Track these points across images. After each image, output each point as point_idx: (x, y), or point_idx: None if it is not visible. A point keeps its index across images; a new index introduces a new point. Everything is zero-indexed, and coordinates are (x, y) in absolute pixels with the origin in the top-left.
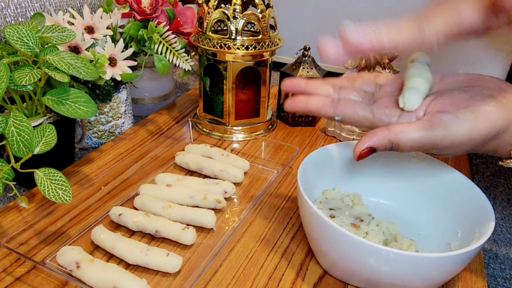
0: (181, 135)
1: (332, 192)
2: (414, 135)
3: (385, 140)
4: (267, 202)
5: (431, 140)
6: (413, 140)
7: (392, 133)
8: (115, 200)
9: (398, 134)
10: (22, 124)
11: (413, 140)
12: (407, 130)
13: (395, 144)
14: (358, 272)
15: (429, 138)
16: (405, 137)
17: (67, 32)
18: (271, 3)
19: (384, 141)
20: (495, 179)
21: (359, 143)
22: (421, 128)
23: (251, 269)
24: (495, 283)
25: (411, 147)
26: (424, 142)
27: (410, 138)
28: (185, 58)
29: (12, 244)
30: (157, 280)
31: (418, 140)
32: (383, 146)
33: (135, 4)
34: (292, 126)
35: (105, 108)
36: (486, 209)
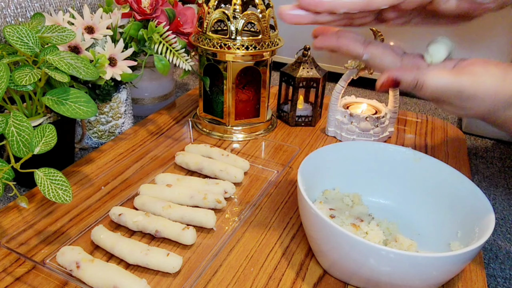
0: (181, 135)
1: (332, 192)
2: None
3: (411, 75)
4: (267, 202)
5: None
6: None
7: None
8: (115, 200)
9: (426, 74)
10: (22, 124)
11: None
12: (435, 72)
13: (420, 83)
14: (358, 272)
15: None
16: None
17: (67, 32)
18: (271, 3)
19: (410, 77)
20: (495, 179)
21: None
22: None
23: (251, 269)
24: (495, 283)
25: (436, 89)
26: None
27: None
28: (185, 58)
29: (12, 244)
30: (157, 280)
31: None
32: (407, 82)
33: (135, 4)
34: (292, 126)
35: (105, 108)
36: (486, 209)
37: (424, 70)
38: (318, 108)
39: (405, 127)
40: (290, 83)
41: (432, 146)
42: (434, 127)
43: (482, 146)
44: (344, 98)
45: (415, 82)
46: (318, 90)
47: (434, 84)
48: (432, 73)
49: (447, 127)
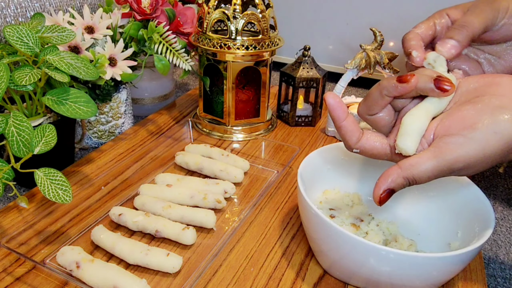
0: (181, 135)
1: (332, 192)
2: (427, 166)
3: (399, 178)
4: (267, 202)
5: (446, 167)
6: (427, 170)
7: (404, 170)
8: (115, 200)
9: (411, 169)
10: (22, 124)
11: (428, 171)
12: (418, 162)
13: (411, 179)
14: (358, 272)
15: (442, 165)
16: (418, 170)
17: (67, 32)
18: (271, 3)
19: (399, 180)
20: (495, 179)
21: (376, 188)
22: (431, 157)
23: (251, 269)
24: (495, 283)
25: (428, 177)
26: (439, 170)
27: (423, 170)
28: (185, 58)
29: (12, 244)
30: (157, 280)
31: (432, 169)
32: (400, 185)
33: (135, 4)
34: (292, 126)
35: (105, 108)
36: (486, 209)
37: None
38: (318, 108)
39: None
40: (290, 83)
41: None
42: None
43: None
44: (344, 98)
45: (408, 182)
46: (318, 90)
47: (425, 175)
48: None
49: None
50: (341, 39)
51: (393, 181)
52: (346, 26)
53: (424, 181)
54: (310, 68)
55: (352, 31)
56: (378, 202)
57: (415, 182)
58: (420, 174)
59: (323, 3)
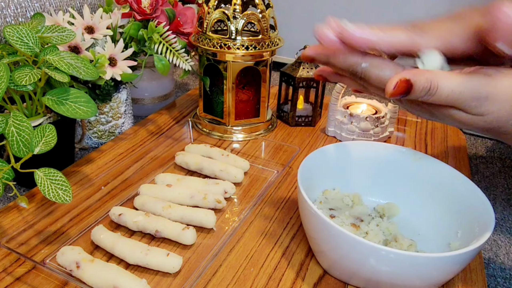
0: (181, 135)
1: (332, 192)
2: (456, 79)
3: (424, 77)
4: (267, 202)
5: (474, 86)
6: (455, 83)
7: (434, 74)
8: (115, 200)
9: (440, 77)
10: (22, 124)
11: (455, 84)
12: (450, 75)
13: (434, 85)
14: (358, 272)
15: (472, 83)
16: (446, 79)
17: (67, 32)
18: (271, 3)
19: (423, 78)
20: (495, 179)
21: (396, 76)
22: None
23: (251, 269)
24: (495, 283)
25: (452, 92)
26: (466, 88)
27: (452, 81)
28: (185, 58)
29: (12, 244)
30: (157, 280)
31: (461, 84)
32: (421, 84)
33: (135, 4)
34: (292, 126)
35: (105, 108)
36: (486, 209)
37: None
38: (318, 108)
39: (405, 127)
40: (290, 83)
41: (432, 146)
42: (434, 127)
43: (482, 146)
44: (344, 98)
45: (429, 85)
46: (318, 90)
47: (450, 86)
48: (447, 77)
49: (447, 127)
50: None
51: (416, 75)
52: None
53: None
54: (310, 68)
55: None
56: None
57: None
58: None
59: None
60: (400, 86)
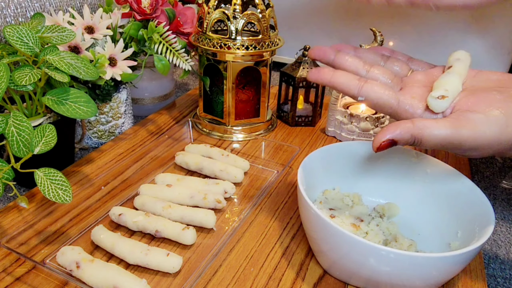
0: (181, 135)
1: (332, 192)
2: (439, 132)
3: (408, 133)
4: (267, 202)
5: (456, 140)
6: (438, 137)
7: (417, 128)
8: (115, 200)
9: (423, 129)
10: (22, 124)
11: (438, 137)
12: (433, 125)
13: (418, 139)
14: (358, 272)
15: (454, 137)
16: (429, 133)
17: (67, 32)
18: (271, 3)
19: (407, 135)
20: (495, 179)
21: (380, 134)
22: (447, 126)
23: (251, 269)
24: (495, 283)
25: (435, 145)
26: (449, 141)
27: (435, 134)
28: (185, 58)
29: (12, 244)
30: (157, 280)
31: (443, 138)
32: (404, 140)
33: (135, 4)
34: (292, 126)
35: (105, 108)
36: (486, 209)
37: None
38: (318, 108)
39: None
40: (290, 83)
41: None
42: None
43: None
44: (344, 98)
45: (413, 140)
46: (318, 90)
47: (433, 140)
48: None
49: None
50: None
51: (401, 134)
52: (346, 26)
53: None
54: (310, 68)
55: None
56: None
57: (420, 143)
58: (429, 138)
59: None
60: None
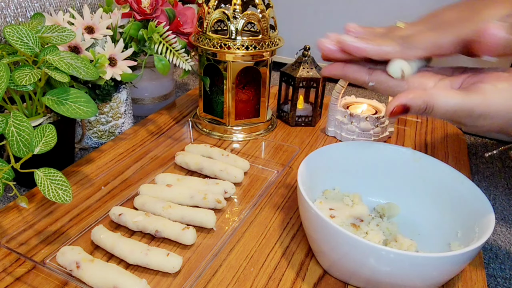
0: (181, 135)
1: (332, 192)
2: (451, 99)
3: (420, 99)
4: (267, 202)
5: (467, 106)
6: (449, 104)
7: (429, 95)
8: (115, 200)
9: (435, 96)
10: (22, 124)
11: (449, 104)
12: (444, 93)
13: (430, 106)
14: (358, 272)
15: (465, 103)
16: (441, 100)
17: (67, 32)
18: (271, 3)
19: (419, 101)
20: (495, 179)
21: (394, 100)
22: (458, 93)
23: (251, 269)
24: (495, 283)
25: (446, 111)
26: (460, 107)
27: (446, 101)
28: (185, 58)
29: (12, 244)
30: (157, 280)
31: (455, 104)
32: (417, 106)
33: (135, 4)
34: (292, 126)
35: (105, 108)
36: (486, 209)
37: (432, 91)
38: (318, 108)
39: (405, 127)
40: (290, 83)
41: (432, 146)
42: (434, 127)
43: (482, 146)
44: (344, 98)
45: (425, 106)
46: (318, 90)
47: (444, 106)
48: (440, 95)
49: (447, 127)
50: None
51: (413, 100)
52: None
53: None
54: (310, 68)
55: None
56: (389, 113)
57: (432, 111)
58: (440, 104)
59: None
60: (397, 110)
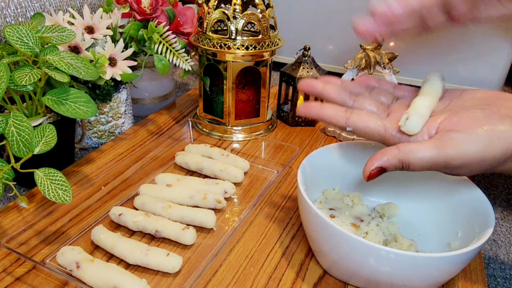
0: (181, 135)
1: (332, 192)
2: (425, 154)
3: (395, 159)
4: (267, 202)
5: (442, 159)
6: (424, 159)
7: (402, 152)
8: (115, 200)
9: (409, 154)
10: (22, 124)
11: (424, 159)
12: (417, 149)
13: (406, 164)
14: (358, 272)
15: (440, 157)
16: (416, 156)
17: (67, 32)
18: (271, 3)
19: (394, 161)
20: (495, 179)
21: (369, 163)
22: (432, 147)
23: (251, 269)
24: (495, 283)
25: (422, 166)
26: (435, 161)
27: (421, 157)
28: (185, 58)
29: (12, 244)
30: (157, 280)
31: (430, 159)
32: (393, 166)
33: (135, 4)
34: (292, 126)
35: (105, 108)
36: (486, 209)
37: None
38: None
39: None
40: (290, 83)
41: None
42: None
43: None
44: None
45: (401, 165)
46: None
47: (420, 162)
48: (414, 151)
49: None
50: (341, 39)
51: (388, 161)
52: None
53: (417, 168)
54: (310, 68)
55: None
56: (367, 177)
57: (409, 167)
58: (416, 161)
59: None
60: (374, 174)
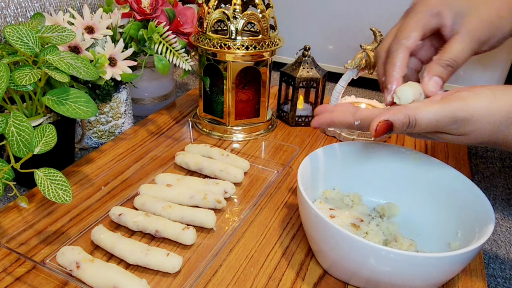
0: (181, 135)
1: (332, 192)
2: (432, 108)
3: (401, 114)
4: (267, 202)
5: (449, 112)
6: (431, 114)
7: (409, 109)
8: (115, 200)
9: (415, 109)
10: (22, 124)
11: (431, 114)
12: (423, 106)
13: (413, 119)
14: (358, 272)
15: (446, 109)
16: (423, 111)
17: (67, 32)
18: (271, 3)
19: (400, 115)
20: (495, 179)
21: (376, 119)
22: (438, 103)
23: (251, 269)
24: (495, 283)
25: (429, 121)
26: (442, 115)
27: (428, 111)
28: (185, 58)
29: (12, 244)
30: (157, 280)
31: (436, 113)
32: (400, 121)
33: (135, 4)
34: (292, 126)
35: (105, 108)
36: (486, 209)
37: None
38: None
39: None
40: (290, 83)
41: (432, 146)
42: None
43: (482, 146)
44: (344, 98)
45: (407, 120)
46: (318, 90)
47: (427, 117)
48: (421, 107)
49: None
50: (341, 39)
51: (394, 115)
52: (346, 26)
53: (424, 125)
54: (310, 68)
55: (352, 31)
56: (374, 132)
57: (415, 123)
58: (423, 115)
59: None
60: (381, 127)
